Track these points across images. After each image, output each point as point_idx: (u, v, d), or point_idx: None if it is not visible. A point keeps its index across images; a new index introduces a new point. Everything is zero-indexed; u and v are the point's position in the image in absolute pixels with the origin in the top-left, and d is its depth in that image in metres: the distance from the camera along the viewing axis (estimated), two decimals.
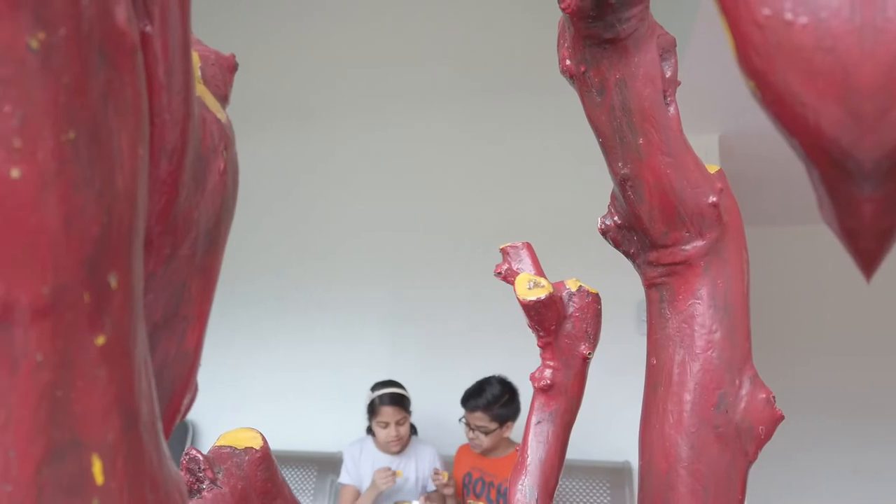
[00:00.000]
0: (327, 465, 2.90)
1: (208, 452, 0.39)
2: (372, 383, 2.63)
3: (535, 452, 0.61)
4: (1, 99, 0.13)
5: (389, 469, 2.46)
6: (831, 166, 0.16)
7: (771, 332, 4.20)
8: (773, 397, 0.37)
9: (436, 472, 2.50)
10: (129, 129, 0.15)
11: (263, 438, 0.41)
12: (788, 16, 0.15)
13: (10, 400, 0.14)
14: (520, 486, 0.61)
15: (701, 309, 0.39)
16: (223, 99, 0.26)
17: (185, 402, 0.23)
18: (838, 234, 0.17)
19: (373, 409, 2.53)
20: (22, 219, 0.13)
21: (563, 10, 0.37)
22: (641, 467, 0.40)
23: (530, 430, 0.62)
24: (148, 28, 0.18)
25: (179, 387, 0.21)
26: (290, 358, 3.30)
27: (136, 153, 0.15)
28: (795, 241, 4.35)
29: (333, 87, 3.41)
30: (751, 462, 0.37)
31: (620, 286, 1.79)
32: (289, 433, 3.07)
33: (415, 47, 3.36)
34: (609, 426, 2.62)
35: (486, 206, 3.14)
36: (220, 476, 0.38)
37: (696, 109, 2.47)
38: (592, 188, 1.72)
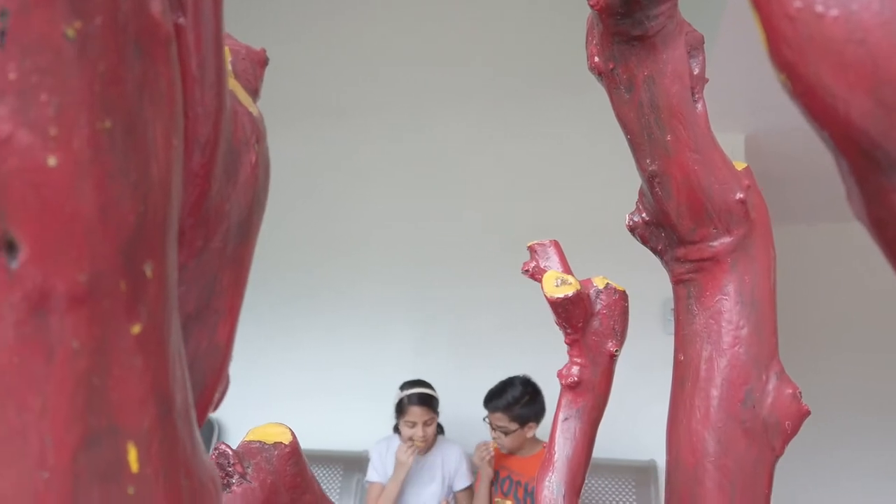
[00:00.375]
0: (353, 464, 2.91)
1: (237, 447, 0.39)
2: (399, 382, 2.64)
3: (563, 449, 0.61)
4: (37, 87, 0.13)
5: (407, 442, 2.47)
6: (861, 157, 0.15)
7: (798, 329, 4.15)
8: (800, 393, 0.37)
9: (480, 445, 2.51)
10: (164, 120, 0.15)
11: (292, 433, 0.41)
12: (819, 8, 0.15)
13: (46, 387, 0.14)
14: (547, 483, 0.61)
15: (728, 305, 0.39)
16: (254, 93, 0.27)
17: (217, 395, 0.23)
18: (867, 224, 0.16)
19: (401, 409, 2.53)
20: (58, 207, 0.13)
21: (592, 6, 0.37)
22: (669, 462, 0.39)
23: (557, 426, 0.62)
24: (181, 20, 0.19)
25: (211, 380, 0.22)
26: (316, 356, 3.33)
27: (171, 144, 0.16)
28: (822, 239, 4.29)
29: (362, 86, 3.43)
30: (777, 457, 0.37)
31: (647, 284, 1.78)
32: (315, 432, 3.10)
33: (443, 47, 3.36)
34: (634, 425, 2.60)
35: (514, 204, 3.13)
36: (249, 471, 0.38)
37: (722, 108, 2.44)
38: (620, 187, 1.71)
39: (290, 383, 3.29)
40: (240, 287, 0.23)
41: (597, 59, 0.40)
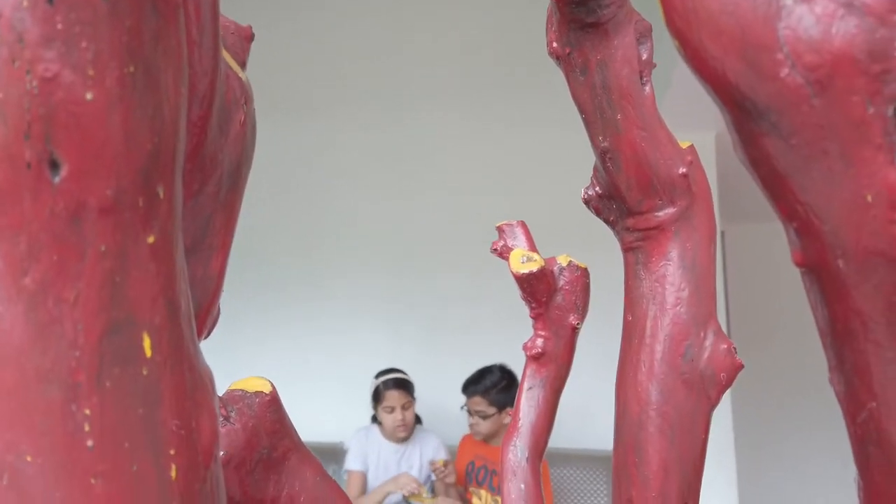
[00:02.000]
0: (329, 455, 2.94)
1: (222, 395, 0.42)
2: (374, 374, 2.68)
3: (527, 416, 0.65)
4: (79, 36, 0.16)
5: (417, 482, 2.47)
6: (736, 108, 0.19)
7: (764, 323, 4.28)
8: (734, 348, 0.41)
9: (432, 464, 2.54)
10: (174, 70, 0.19)
11: (272, 385, 0.44)
12: None
13: (79, 282, 0.18)
14: (511, 447, 0.65)
15: (671, 269, 0.43)
16: (242, 64, 0.30)
17: (209, 321, 0.26)
18: (745, 164, 0.20)
19: (378, 396, 2.57)
20: (93, 133, 0.17)
21: None
22: (616, 412, 0.43)
23: (522, 395, 0.66)
24: None
25: (205, 305, 0.25)
26: (291, 348, 3.34)
27: (179, 91, 0.19)
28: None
29: (336, 80, 3.45)
30: (714, 405, 0.41)
31: (618, 277, 1.82)
32: None
33: (417, 40, 3.39)
34: (606, 416, 2.65)
35: (488, 197, 3.17)
36: (232, 414, 0.42)
37: (691, 108, 2.50)
38: (584, 183, 1.75)
39: (263, 374, 3.30)
40: (230, 228, 0.26)
41: (555, 44, 0.44)
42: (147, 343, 0.19)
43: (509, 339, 2.80)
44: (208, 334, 0.27)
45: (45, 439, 0.17)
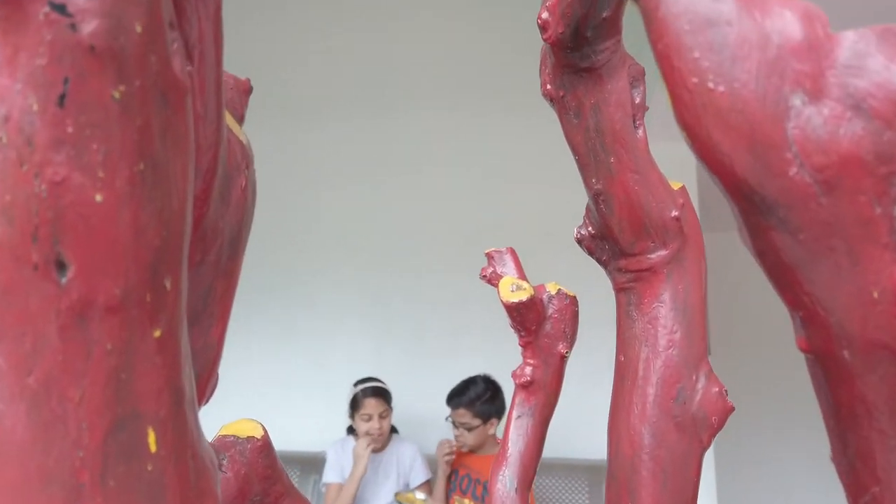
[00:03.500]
0: (310, 465, 2.92)
1: (213, 441, 0.42)
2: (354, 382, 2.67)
3: (515, 445, 0.65)
4: (89, 139, 0.16)
5: (366, 438, 2.49)
6: (744, 201, 0.20)
7: (742, 328, 4.36)
8: (725, 391, 0.41)
9: (441, 443, 2.54)
10: (182, 158, 0.18)
11: (264, 429, 0.44)
12: (710, 84, 0.19)
13: (83, 381, 0.18)
14: (500, 477, 0.65)
15: (663, 311, 0.43)
16: (240, 119, 0.30)
17: (209, 388, 0.26)
18: (753, 253, 0.20)
19: (356, 403, 2.56)
20: (102, 234, 0.17)
21: (545, 40, 0.41)
22: (609, 453, 0.44)
23: (511, 423, 0.66)
24: (189, 68, 0.22)
25: (205, 374, 0.25)
26: (272, 357, 3.32)
27: (187, 177, 0.19)
28: None
29: (315, 82, 3.43)
30: (705, 448, 0.41)
31: (601, 288, 1.83)
32: (270, 432, 3.06)
33: (398, 43, 3.39)
34: (588, 425, 2.67)
35: (472, 204, 3.18)
36: (224, 462, 0.41)
37: (671, 119, 2.51)
38: (573, 191, 1.76)
39: (245, 383, 3.28)
40: (230, 293, 0.26)
41: (549, 86, 0.45)
42: (152, 438, 0.18)
43: (491, 347, 2.81)
44: (208, 400, 0.26)
45: None
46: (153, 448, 0.19)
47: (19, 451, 0.17)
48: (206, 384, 0.25)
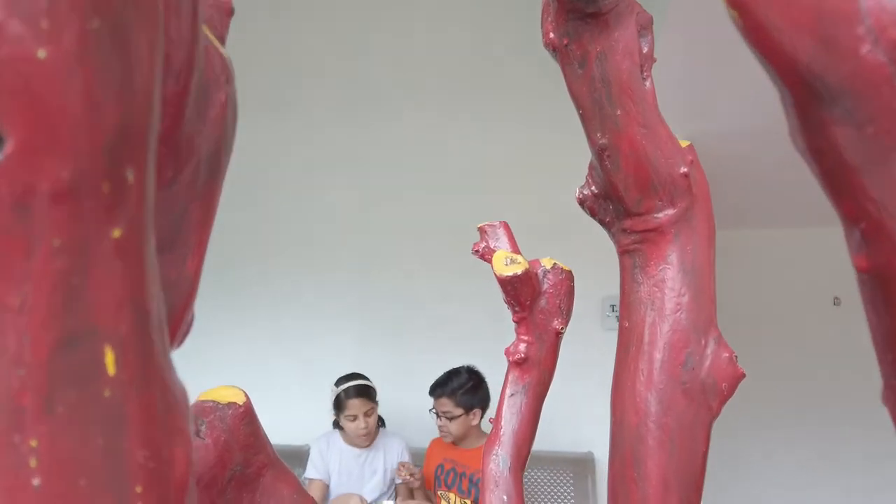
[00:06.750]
0: (294, 458, 2.88)
1: (191, 406, 0.39)
2: (338, 376, 2.63)
3: (509, 423, 0.63)
4: None
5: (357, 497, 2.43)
6: (803, 90, 0.17)
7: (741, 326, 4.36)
8: (736, 357, 0.39)
9: (401, 466, 2.51)
10: (148, 31, 0.16)
11: (246, 395, 0.41)
12: None
13: (25, 285, 0.14)
14: (493, 456, 0.62)
15: (671, 273, 0.40)
16: (221, 40, 0.27)
17: (183, 328, 0.23)
18: (807, 156, 0.18)
19: (339, 405, 2.52)
20: (45, 101, 0.14)
21: None
22: (613, 423, 0.41)
23: (504, 402, 0.63)
24: None
25: (179, 310, 0.22)
26: (256, 349, 3.28)
27: (154, 57, 0.16)
28: (756, 244, 4.46)
29: (306, 80, 3.39)
30: (714, 416, 0.39)
31: (587, 283, 1.82)
32: None
33: (389, 41, 3.36)
34: (574, 418, 2.65)
35: (459, 201, 3.15)
36: (203, 428, 0.38)
37: (663, 112, 2.50)
38: (559, 189, 1.74)
39: (229, 376, 3.23)
40: (208, 222, 0.23)
41: (552, 35, 0.42)
42: (110, 359, 0.15)
43: (477, 341, 2.78)
44: (181, 342, 0.23)
45: None
46: (111, 371, 0.16)
47: None
48: (179, 321, 0.23)
